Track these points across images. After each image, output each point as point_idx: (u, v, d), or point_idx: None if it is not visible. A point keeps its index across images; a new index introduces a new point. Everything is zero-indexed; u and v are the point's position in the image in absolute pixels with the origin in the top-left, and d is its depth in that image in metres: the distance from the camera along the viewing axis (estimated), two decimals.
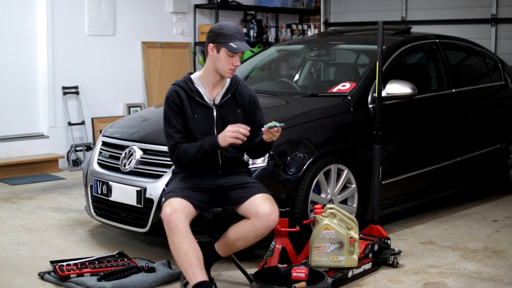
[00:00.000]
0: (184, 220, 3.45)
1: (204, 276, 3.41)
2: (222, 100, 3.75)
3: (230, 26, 3.68)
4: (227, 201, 3.69)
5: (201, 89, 3.74)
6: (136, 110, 8.23)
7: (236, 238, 3.62)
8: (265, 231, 3.58)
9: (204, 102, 3.72)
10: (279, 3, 9.41)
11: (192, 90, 3.72)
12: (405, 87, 5.00)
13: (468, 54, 6.40)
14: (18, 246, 4.76)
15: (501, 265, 4.41)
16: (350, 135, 4.78)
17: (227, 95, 3.76)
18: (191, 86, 3.73)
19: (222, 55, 3.64)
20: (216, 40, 3.65)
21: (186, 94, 3.71)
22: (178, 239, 3.42)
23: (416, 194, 5.38)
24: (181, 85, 3.74)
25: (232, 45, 3.62)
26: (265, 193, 3.66)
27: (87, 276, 4.01)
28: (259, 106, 3.86)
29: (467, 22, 8.27)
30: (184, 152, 3.64)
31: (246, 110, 3.79)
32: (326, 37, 6.32)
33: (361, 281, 4.08)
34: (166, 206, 3.51)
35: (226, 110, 3.75)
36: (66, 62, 7.70)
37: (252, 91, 3.87)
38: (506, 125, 6.25)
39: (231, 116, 3.74)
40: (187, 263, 3.41)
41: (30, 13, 7.48)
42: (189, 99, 3.71)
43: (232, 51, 3.62)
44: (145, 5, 8.42)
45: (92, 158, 4.86)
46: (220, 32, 3.65)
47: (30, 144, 7.51)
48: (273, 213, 3.56)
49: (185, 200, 3.53)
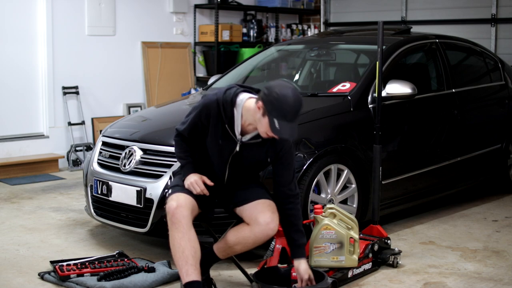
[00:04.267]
0: (187, 216, 3.43)
1: (197, 276, 3.40)
2: (250, 141, 3.51)
3: (286, 101, 3.28)
4: (228, 199, 3.68)
5: (237, 116, 3.45)
6: (136, 110, 8.23)
7: (235, 243, 3.61)
8: (263, 239, 3.57)
9: (230, 132, 3.49)
10: (279, 3, 9.41)
11: (227, 114, 3.46)
12: (405, 87, 5.00)
13: (468, 54, 6.40)
14: (18, 246, 4.76)
15: (501, 265, 4.41)
16: (350, 135, 4.78)
17: (258, 139, 3.49)
18: (228, 110, 3.45)
19: (265, 121, 3.32)
20: (266, 104, 3.30)
21: (218, 114, 3.46)
22: (178, 234, 3.40)
23: (416, 194, 5.38)
24: (220, 102, 3.46)
25: (275, 123, 3.27)
26: (267, 199, 3.61)
27: (87, 276, 4.01)
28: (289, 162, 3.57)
29: (467, 22, 8.27)
30: (176, 146, 3.68)
31: (272, 157, 3.55)
32: (326, 37, 6.32)
33: (361, 281, 4.08)
34: (171, 199, 3.47)
35: (249, 149, 3.52)
36: (66, 62, 7.70)
37: (289, 142, 3.55)
38: (506, 125, 6.25)
39: (252, 154, 3.54)
40: (183, 260, 3.40)
41: (30, 13, 7.48)
42: (218, 120, 3.47)
43: (271, 130, 3.31)
44: (145, 5, 8.42)
45: (92, 158, 4.86)
46: (272, 101, 3.29)
47: (30, 144, 7.51)
48: (272, 222, 3.53)
49: (191, 197, 3.51)
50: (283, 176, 3.61)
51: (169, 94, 8.41)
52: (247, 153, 3.54)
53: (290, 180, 3.62)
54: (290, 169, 3.62)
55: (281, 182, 3.62)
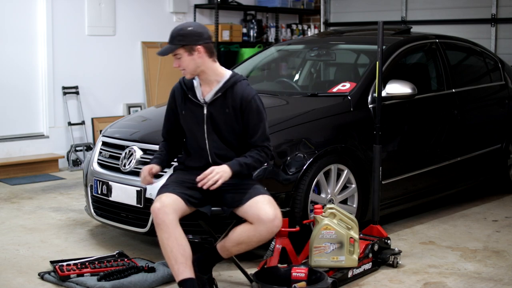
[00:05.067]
0: (171, 216, 3.44)
1: (189, 274, 3.41)
2: (213, 98, 3.68)
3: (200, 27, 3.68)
4: (226, 202, 3.65)
5: (196, 84, 3.73)
6: (136, 110, 8.23)
7: (239, 242, 3.58)
8: (268, 236, 3.55)
9: (194, 99, 3.72)
10: (279, 3, 9.41)
11: (188, 87, 3.75)
12: (405, 87, 5.00)
13: (468, 54, 6.40)
14: (18, 246, 4.76)
15: (501, 265, 4.42)
16: (350, 135, 4.78)
17: (218, 94, 3.67)
18: (188, 82, 3.76)
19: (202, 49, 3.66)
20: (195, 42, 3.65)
21: (182, 90, 3.77)
22: (164, 235, 3.42)
23: (416, 194, 5.38)
24: (181, 81, 3.80)
25: None
26: (265, 195, 3.61)
27: (87, 276, 4.01)
28: (253, 110, 3.64)
29: (467, 22, 8.27)
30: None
31: (237, 111, 3.65)
32: (326, 37, 6.32)
33: (361, 281, 4.08)
34: (156, 201, 3.51)
35: (216, 109, 3.68)
36: (66, 62, 7.70)
37: (248, 93, 3.65)
38: (506, 125, 6.25)
39: (221, 116, 3.68)
40: (172, 259, 3.42)
41: (30, 13, 7.48)
42: (183, 96, 3.76)
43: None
44: (145, 5, 8.42)
45: (92, 158, 4.86)
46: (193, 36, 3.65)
47: (30, 144, 7.51)
48: (276, 219, 3.51)
49: (176, 196, 3.51)
50: (248, 127, 3.64)
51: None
52: (217, 114, 3.67)
53: (255, 132, 3.64)
54: (254, 120, 3.64)
55: (248, 133, 3.66)
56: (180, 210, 3.51)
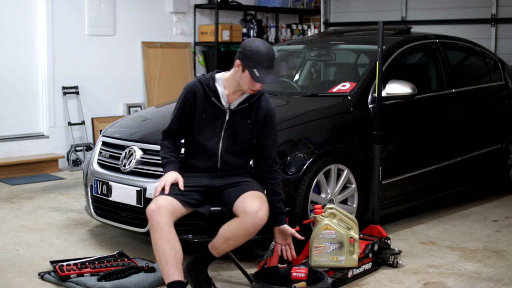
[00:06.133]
0: (166, 218, 3.45)
1: (179, 276, 3.41)
2: (238, 107, 3.70)
3: (259, 50, 3.56)
4: (224, 202, 3.66)
5: (220, 89, 3.68)
6: (136, 110, 8.23)
7: (227, 237, 3.58)
8: (253, 229, 3.53)
9: (218, 104, 3.67)
10: (279, 3, 9.41)
11: (211, 89, 3.68)
12: (405, 87, 5.00)
13: (468, 54, 6.40)
14: (18, 246, 4.76)
15: (501, 265, 4.42)
16: (350, 135, 4.78)
17: (245, 104, 3.70)
18: (211, 84, 3.68)
19: (246, 76, 3.58)
20: (243, 60, 3.59)
21: (204, 91, 3.68)
22: (158, 236, 3.44)
23: (416, 194, 5.38)
24: (202, 81, 3.70)
25: (255, 72, 3.54)
26: (256, 190, 3.61)
27: (87, 276, 4.01)
28: (274, 125, 3.77)
29: (467, 22, 8.27)
30: (161, 149, 3.81)
31: (258, 123, 3.72)
32: (326, 37, 6.32)
33: (361, 281, 4.09)
34: (152, 202, 3.52)
35: (238, 117, 3.70)
36: (66, 62, 7.71)
37: (272, 108, 3.77)
38: (506, 125, 6.25)
39: (241, 125, 3.70)
40: (164, 261, 3.42)
41: (30, 13, 7.48)
42: (204, 97, 3.67)
43: (253, 79, 3.56)
44: (145, 5, 8.42)
45: (92, 158, 4.86)
46: (248, 54, 3.57)
47: (30, 144, 7.51)
48: (261, 211, 3.50)
49: (172, 198, 3.52)
50: (266, 140, 3.76)
51: (169, 94, 8.41)
52: (239, 123, 3.68)
53: (273, 147, 3.78)
54: (273, 135, 3.79)
55: (265, 147, 3.76)
56: (176, 212, 3.52)
